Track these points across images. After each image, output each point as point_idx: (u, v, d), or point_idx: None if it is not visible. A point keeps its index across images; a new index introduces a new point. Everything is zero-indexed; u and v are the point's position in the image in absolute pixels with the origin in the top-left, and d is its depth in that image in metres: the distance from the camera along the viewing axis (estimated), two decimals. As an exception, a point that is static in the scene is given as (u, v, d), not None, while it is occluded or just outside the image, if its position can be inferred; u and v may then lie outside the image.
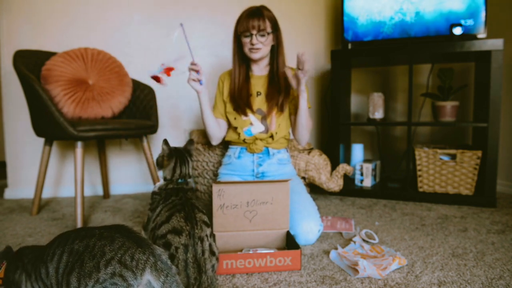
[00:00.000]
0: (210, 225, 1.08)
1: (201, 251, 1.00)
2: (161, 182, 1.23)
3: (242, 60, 1.66)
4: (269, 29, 1.56)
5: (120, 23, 2.44)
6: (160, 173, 1.24)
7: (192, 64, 1.48)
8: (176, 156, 1.22)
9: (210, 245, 1.04)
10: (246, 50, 1.59)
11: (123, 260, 0.75)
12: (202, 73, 1.51)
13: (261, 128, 1.63)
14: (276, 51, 1.64)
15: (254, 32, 1.54)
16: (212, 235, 1.08)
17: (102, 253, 0.76)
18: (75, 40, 2.34)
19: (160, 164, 1.23)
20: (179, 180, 1.20)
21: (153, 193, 1.21)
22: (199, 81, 1.52)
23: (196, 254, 0.98)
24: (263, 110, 1.64)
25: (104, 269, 0.74)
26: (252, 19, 1.53)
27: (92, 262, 0.75)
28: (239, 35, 1.59)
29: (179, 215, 1.03)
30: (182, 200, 1.10)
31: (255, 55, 1.59)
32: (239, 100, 1.63)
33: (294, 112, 1.66)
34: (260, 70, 1.69)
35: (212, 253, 1.04)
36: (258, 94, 1.65)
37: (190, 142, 1.30)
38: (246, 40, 1.57)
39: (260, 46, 1.57)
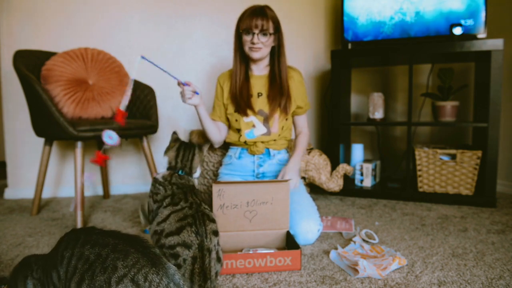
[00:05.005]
0: (219, 233, 1.08)
1: (208, 261, 1.00)
2: (164, 171, 1.21)
3: (243, 59, 1.64)
4: (271, 30, 1.54)
5: (120, 22, 2.44)
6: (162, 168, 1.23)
7: (180, 84, 1.43)
8: (181, 143, 1.22)
9: (217, 252, 1.03)
10: (246, 48, 1.57)
11: (136, 279, 0.73)
12: (195, 86, 1.47)
13: (263, 130, 1.62)
14: (277, 53, 1.61)
15: (257, 31, 1.52)
16: (219, 241, 1.07)
17: (114, 268, 0.73)
18: (75, 40, 2.34)
19: (167, 148, 1.23)
20: (180, 172, 1.18)
21: (156, 180, 1.17)
22: (195, 92, 1.46)
23: (203, 265, 0.99)
24: (265, 111, 1.62)
25: (116, 286, 0.72)
26: (256, 18, 1.51)
27: (103, 276, 0.73)
28: (241, 33, 1.56)
29: (190, 229, 1.00)
30: (193, 209, 1.07)
31: (255, 54, 1.56)
32: (240, 100, 1.61)
33: (296, 113, 1.71)
34: (259, 71, 1.66)
35: (218, 259, 1.04)
36: (259, 95, 1.64)
37: (206, 142, 1.29)
38: (247, 38, 1.54)
39: (260, 46, 1.54)
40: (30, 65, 1.88)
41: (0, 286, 0.93)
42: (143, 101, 2.17)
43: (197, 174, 1.23)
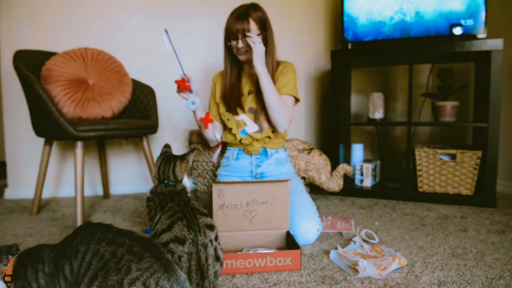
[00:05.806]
0: (214, 227, 1.05)
1: (205, 257, 0.98)
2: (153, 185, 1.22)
3: (233, 59, 1.65)
4: (255, 32, 1.52)
5: (120, 22, 2.44)
6: None
7: (182, 76, 1.48)
8: (164, 156, 1.22)
9: (215, 249, 1.01)
10: (234, 51, 1.59)
11: (147, 284, 0.73)
12: (193, 81, 1.50)
13: (255, 127, 1.62)
14: (265, 51, 1.58)
15: (240, 35, 1.52)
16: (217, 237, 1.05)
17: (128, 269, 0.74)
18: (75, 40, 2.34)
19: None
20: (165, 181, 1.18)
21: (147, 199, 1.19)
22: (190, 91, 1.51)
23: (199, 261, 0.97)
24: (255, 108, 1.62)
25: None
26: (237, 22, 1.50)
27: (117, 277, 0.74)
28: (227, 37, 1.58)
29: (181, 223, 1.00)
30: (181, 205, 1.07)
31: (241, 57, 1.59)
32: (231, 99, 1.63)
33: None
34: (251, 69, 1.66)
35: (217, 258, 1.02)
36: (250, 92, 1.64)
37: (191, 150, 1.28)
38: (233, 43, 1.56)
39: (246, 49, 1.55)
40: (30, 65, 1.88)
41: (7, 256, 0.90)
42: (143, 101, 2.17)
43: (187, 182, 1.20)
